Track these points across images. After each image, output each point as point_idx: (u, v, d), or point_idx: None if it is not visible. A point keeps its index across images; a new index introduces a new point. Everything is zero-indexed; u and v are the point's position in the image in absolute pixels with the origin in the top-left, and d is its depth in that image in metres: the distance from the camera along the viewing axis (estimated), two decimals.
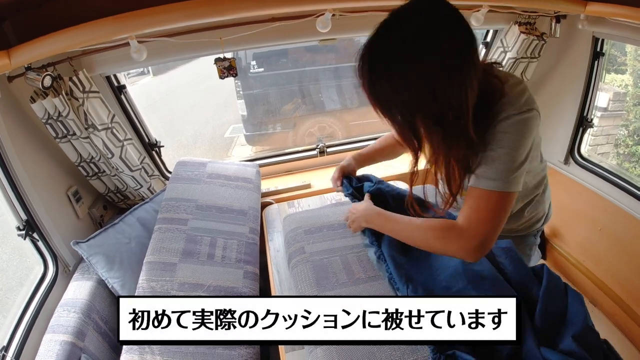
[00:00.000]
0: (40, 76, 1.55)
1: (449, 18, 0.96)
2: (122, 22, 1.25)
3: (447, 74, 0.96)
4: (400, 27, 0.96)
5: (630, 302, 2.20)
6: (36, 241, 1.73)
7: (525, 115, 1.06)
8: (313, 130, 4.51)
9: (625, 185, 2.17)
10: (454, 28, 0.96)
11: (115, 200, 2.26)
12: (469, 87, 0.98)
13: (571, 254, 2.61)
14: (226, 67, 1.92)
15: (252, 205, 2.09)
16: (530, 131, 1.08)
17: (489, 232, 1.10)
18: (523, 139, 1.07)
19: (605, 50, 2.19)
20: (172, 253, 1.75)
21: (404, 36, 0.95)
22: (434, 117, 1.01)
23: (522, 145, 1.07)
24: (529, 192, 1.41)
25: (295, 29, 1.87)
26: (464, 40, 0.96)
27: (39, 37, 1.19)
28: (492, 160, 1.07)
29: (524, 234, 1.58)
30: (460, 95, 0.98)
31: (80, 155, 1.93)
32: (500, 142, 1.06)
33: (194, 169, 2.15)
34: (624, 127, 4.57)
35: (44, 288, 1.72)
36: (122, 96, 2.14)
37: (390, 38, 0.97)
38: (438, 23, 0.95)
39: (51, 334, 1.52)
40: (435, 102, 0.98)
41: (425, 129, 1.05)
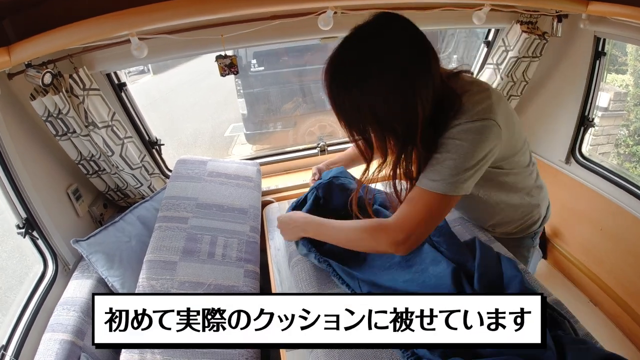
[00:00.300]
0: (41, 73, 1.54)
1: (404, 37, 1.02)
2: (122, 19, 1.23)
3: (401, 90, 1.01)
4: (359, 46, 1.03)
5: (631, 302, 2.19)
6: (36, 239, 1.72)
7: (477, 124, 1.07)
8: (313, 129, 4.49)
9: (627, 185, 2.16)
10: (409, 46, 1.01)
11: (115, 199, 2.25)
12: (423, 101, 1.02)
13: (572, 253, 2.60)
14: (227, 65, 1.91)
15: (253, 203, 2.08)
16: (483, 139, 1.07)
17: (417, 229, 1.13)
18: (472, 145, 1.07)
19: (606, 50, 2.19)
20: (172, 251, 1.74)
21: (362, 55, 1.01)
22: (387, 129, 1.07)
23: (470, 152, 1.07)
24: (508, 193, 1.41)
25: (297, 26, 1.86)
26: (419, 57, 1.02)
27: (38, 34, 1.18)
28: (436, 163, 1.10)
29: (519, 236, 1.58)
30: (414, 109, 1.02)
31: (80, 153, 1.92)
32: (446, 147, 1.09)
33: (195, 167, 2.14)
34: (624, 127, 4.57)
35: (43, 286, 1.71)
36: (122, 94, 2.13)
37: (349, 56, 1.04)
38: (394, 42, 1.01)
39: (51, 332, 1.50)
40: (390, 115, 1.04)
41: (378, 139, 1.10)
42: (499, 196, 1.39)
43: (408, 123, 1.04)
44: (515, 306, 0.94)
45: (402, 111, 1.03)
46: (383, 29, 1.02)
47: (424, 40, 1.03)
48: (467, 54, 3.68)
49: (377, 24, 1.03)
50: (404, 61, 1.00)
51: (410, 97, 1.01)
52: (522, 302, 0.95)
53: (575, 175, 2.50)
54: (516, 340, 0.93)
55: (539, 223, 1.56)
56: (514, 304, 0.95)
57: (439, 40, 4.14)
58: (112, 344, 0.99)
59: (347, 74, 1.03)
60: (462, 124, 1.07)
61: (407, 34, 1.02)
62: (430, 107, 1.04)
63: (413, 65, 1.01)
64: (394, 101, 1.02)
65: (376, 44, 1.01)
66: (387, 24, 1.03)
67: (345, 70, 1.04)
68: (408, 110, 1.02)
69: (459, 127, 1.07)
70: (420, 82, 1.01)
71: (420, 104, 1.02)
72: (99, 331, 0.96)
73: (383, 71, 1.00)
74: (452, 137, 1.07)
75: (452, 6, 1.96)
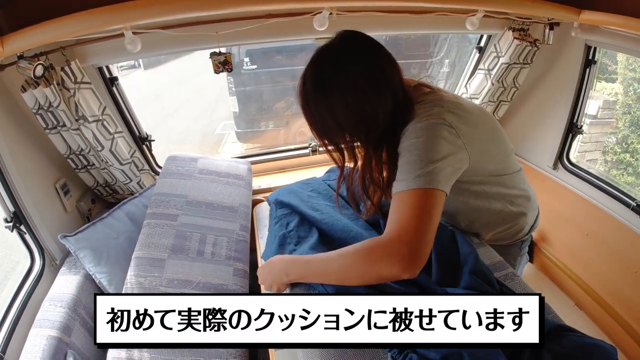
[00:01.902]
0: (32, 65, 1.52)
1: (365, 53, 1.13)
2: (116, 13, 1.23)
3: (360, 103, 1.12)
4: (324, 62, 1.14)
5: (616, 306, 2.22)
6: (23, 234, 1.70)
7: (424, 122, 1.11)
8: (305, 129, 4.47)
9: (612, 191, 2.20)
10: (370, 61, 1.12)
11: (104, 194, 2.23)
12: (381, 110, 1.12)
13: (558, 257, 2.64)
14: (221, 62, 1.91)
15: (243, 202, 2.07)
16: (436, 134, 1.09)
17: (417, 235, 0.99)
18: (427, 139, 1.08)
19: (597, 59, 2.22)
20: (161, 249, 1.73)
21: (327, 70, 1.12)
22: (352, 136, 1.20)
23: (430, 145, 1.07)
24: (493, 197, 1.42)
25: (292, 26, 1.86)
26: (377, 70, 1.12)
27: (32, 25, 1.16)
28: (401, 165, 1.11)
29: (507, 243, 1.60)
30: (374, 119, 1.13)
31: (69, 147, 1.90)
32: (405, 149, 1.11)
33: (185, 164, 2.13)
34: (612, 134, 4.63)
35: (30, 281, 1.69)
36: (113, 88, 2.11)
37: (316, 71, 1.14)
38: (355, 58, 1.12)
39: (37, 328, 1.49)
40: (352, 125, 1.16)
41: (347, 146, 1.23)
42: (477, 202, 1.40)
43: (368, 130, 1.16)
44: (514, 306, 0.96)
45: (362, 121, 1.14)
46: (343, 49, 1.14)
47: (383, 57, 1.14)
48: (459, 59, 3.70)
49: (338, 44, 1.15)
50: (361, 78, 1.11)
51: (369, 109, 1.12)
52: (520, 302, 0.96)
53: (563, 181, 2.53)
54: (514, 340, 0.95)
55: (526, 230, 1.57)
56: (512, 304, 0.96)
57: (432, 44, 4.16)
58: (114, 344, 1.00)
59: (314, 90, 1.14)
60: (412, 124, 1.12)
61: (366, 52, 1.13)
62: (388, 115, 1.13)
63: (371, 81, 1.11)
64: (354, 112, 1.13)
65: (336, 62, 1.13)
66: (348, 43, 1.15)
67: (311, 87, 1.14)
68: (367, 119, 1.14)
69: (410, 128, 1.12)
70: (377, 95, 1.12)
71: (380, 113, 1.13)
72: (101, 331, 0.97)
73: (344, 88, 1.11)
74: (407, 137, 1.12)
75: (446, 11, 1.97)
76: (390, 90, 1.13)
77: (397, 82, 1.15)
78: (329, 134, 1.19)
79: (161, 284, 1.63)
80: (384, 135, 1.16)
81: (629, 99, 4.48)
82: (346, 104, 1.12)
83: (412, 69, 4.33)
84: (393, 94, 1.13)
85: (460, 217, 1.52)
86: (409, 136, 1.11)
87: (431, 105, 1.14)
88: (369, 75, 1.11)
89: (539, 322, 0.95)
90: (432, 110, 1.12)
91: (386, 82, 1.12)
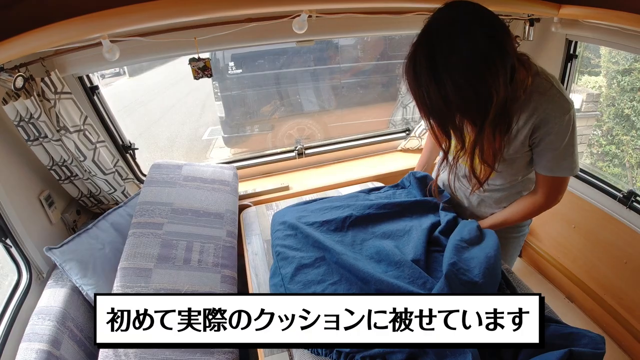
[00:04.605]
0: (13, 77, 1.51)
1: (477, 26, 1.04)
2: (93, 22, 1.22)
3: (479, 75, 1.04)
4: (433, 42, 1.05)
5: (606, 297, 2.24)
6: (9, 247, 1.68)
7: (571, 111, 1.22)
8: (292, 132, 4.49)
9: (598, 183, 2.21)
10: (482, 38, 1.03)
11: (88, 205, 2.21)
12: (499, 84, 1.05)
13: (546, 251, 2.65)
14: (200, 68, 1.89)
15: (229, 208, 2.06)
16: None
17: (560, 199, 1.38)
18: (574, 129, 1.27)
19: (578, 53, 2.23)
20: (147, 258, 1.71)
21: (438, 50, 1.04)
22: (462, 117, 1.15)
23: (576, 135, 1.28)
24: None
25: (272, 30, 1.85)
26: (492, 48, 1.04)
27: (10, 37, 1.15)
28: (562, 149, 1.26)
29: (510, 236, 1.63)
30: (490, 100, 1.07)
31: (52, 159, 1.88)
32: (559, 133, 1.25)
33: (170, 172, 2.11)
34: (597, 127, 4.68)
35: (18, 295, 1.67)
36: (94, 97, 2.09)
37: (426, 51, 1.05)
38: (465, 37, 1.03)
39: (27, 342, 1.47)
40: (477, 99, 1.08)
41: (454, 126, 1.17)
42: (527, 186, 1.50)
43: (481, 111, 1.10)
44: (514, 306, 0.96)
45: (475, 101, 1.08)
46: (454, 19, 1.05)
47: (497, 28, 1.06)
48: None
49: (447, 19, 1.06)
50: (481, 47, 1.03)
51: (483, 89, 1.06)
52: (520, 302, 0.97)
53: None
54: (514, 340, 0.95)
55: (528, 223, 1.65)
56: (512, 304, 0.96)
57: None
58: (113, 344, 0.99)
59: (424, 73, 1.06)
60: (560, 116, 1.22)
61: (477, 25, 1.04)
62: (502, 93, 1.07)
63: (491, 51, 1.04)
64: (470, 87, 1.05)
65: (449, 34, 1.04)
66: (457, 12, 1.06)
67: (421, 69, 1.07)
68: (481, 100, 1.08)
69: (558, 113, 1.22)
70: (491, 74, 1.05)
71: (494, 93, 1.06)
72: (101, 331, 0.96)
73: (456, 69, 1.03)
74: (559, 124, 1.23)
75: (424, 11, 1.96)
76: (504, 66, 1.06)
77: (512, 55, 1.09)
78: (440, 116, 1.14)
79: (148, 294, 1.61)
80: (497, 116, 1.11)
81: (613, 92, 4.53)
82: (459, 86, 1.05)
83: (397, 69, 4.35)
84: (510, 66, 1.08)
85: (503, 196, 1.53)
86: (560, 121, 1.22)
87: (550, 84, 1.22)
88: (482, 55, 1.03)
89: (539, 322, 0.95)
90: (564, 95, 1.21)
91: (501, 58, 1.05)
